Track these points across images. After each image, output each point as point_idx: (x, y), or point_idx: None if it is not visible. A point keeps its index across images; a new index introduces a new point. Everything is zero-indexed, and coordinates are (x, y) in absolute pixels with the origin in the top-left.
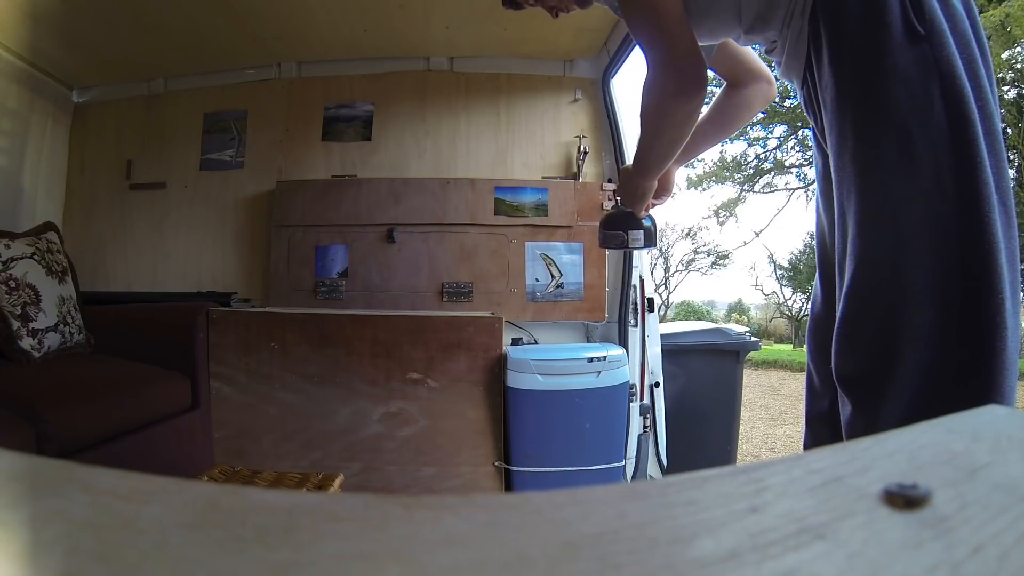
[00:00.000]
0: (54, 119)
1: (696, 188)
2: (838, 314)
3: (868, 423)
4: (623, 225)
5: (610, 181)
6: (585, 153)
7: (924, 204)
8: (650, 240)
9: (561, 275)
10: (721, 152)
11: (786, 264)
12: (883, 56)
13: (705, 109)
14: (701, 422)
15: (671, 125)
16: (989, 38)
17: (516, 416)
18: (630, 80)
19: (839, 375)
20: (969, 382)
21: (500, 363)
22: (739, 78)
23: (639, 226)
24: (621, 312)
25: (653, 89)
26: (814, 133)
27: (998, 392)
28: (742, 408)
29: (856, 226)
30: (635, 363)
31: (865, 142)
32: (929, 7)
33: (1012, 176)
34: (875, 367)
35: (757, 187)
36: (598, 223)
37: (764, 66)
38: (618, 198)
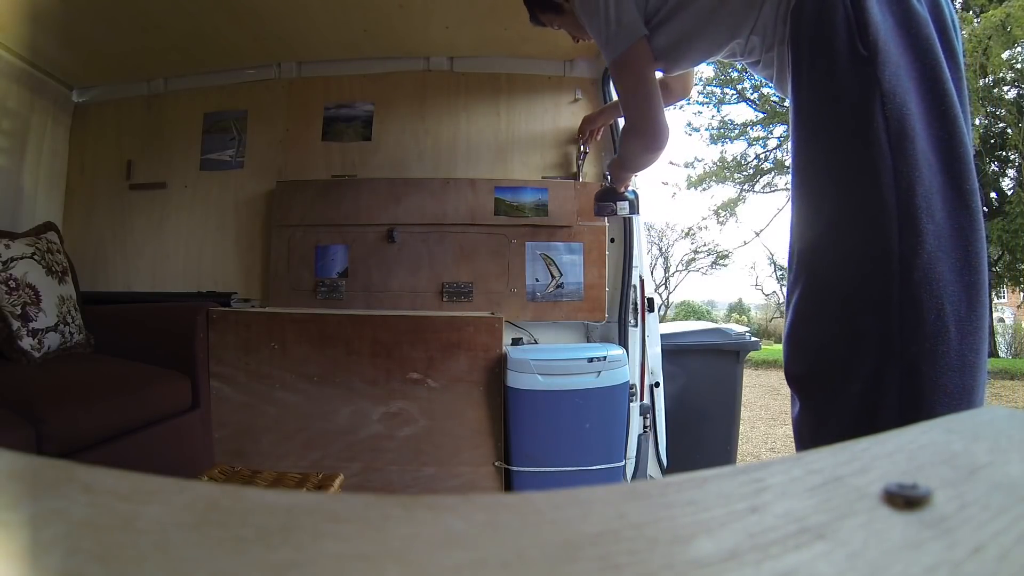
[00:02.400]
0: (54, 119)
1: (696, 188)
2: (787, 319)
3: (816, 421)
4: (612, 198)
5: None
6: (585, 153)
7: (865, 218)
8: (634, 208)
9: (561, 275)
10: (721, 152)
11: (786, 264)
12: (831, 81)
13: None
14: (701, 422)
15: (643, 161)
16: (990, 38)
17: (516, 416)
18: None
19: (788, 374)
20: (910, 385)
21: (500, 363)
22: (685, 87)
23: (624, 198)
24: (621, 312)
25: (634, 144)
26: None
27: (941, 395)
28: (742, 408)
29: (803, 238)
30: (635, 363)
31: (813, 162)
32: (873, 28)
33: (1012, 176)
34: (821, 369)
35: (757, 187)
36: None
37: (691, 87)
38: (608, 177)
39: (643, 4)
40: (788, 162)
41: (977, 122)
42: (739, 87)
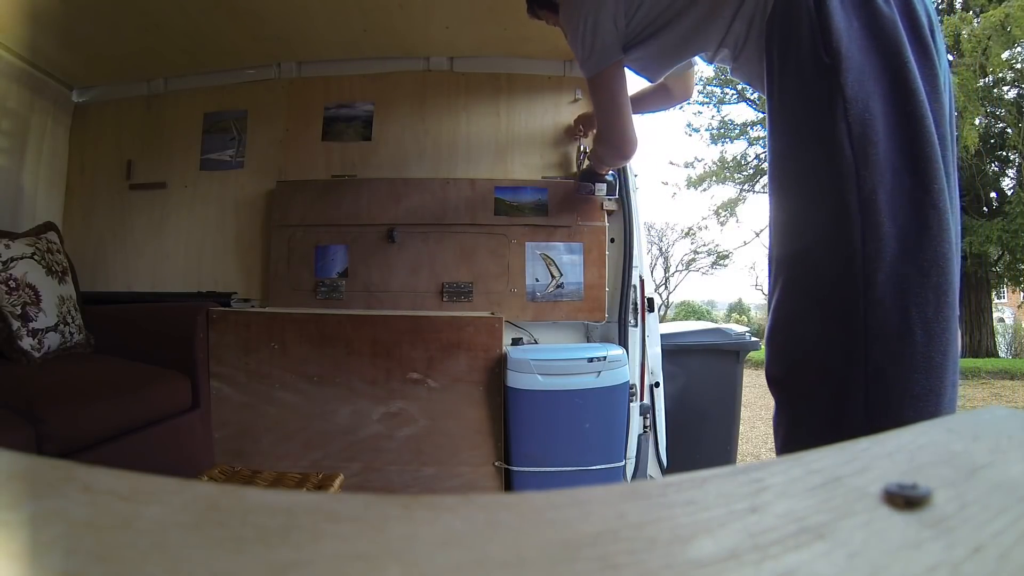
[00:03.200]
0: (54, 119)
1: (696, 188)
2: (768, 322)
3: (791, 422)
4: (593, 179)
5: None
6: (585, 153)
7: (833, 224)
8: (611, 190)
9: (561, 275)
10: (721, 152)
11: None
12: (798, 90)
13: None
14: (701, 422)
15: (611, 164)
16: (989, 38)
17: (516, 416)
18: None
19: (768, 376)
20: (877, 388)
21: (500, 363)
22: (686, 89)
23: (603, 180)
24: (621, 312)
25: (604, 150)
26: None
27: (907, 396)
28: (742, 408)
29: (780, 243)
30: (635, 363)
31: (786, 169)
32: (836, 35)
33: (1012, 176)
34: (797, 372)
35: (757, 187)
36: (577, 178)
37: (692, 89)
38: (588, 161)
39: (623, 27)
40: None
41: (977, 122)
42: (739, 87)
